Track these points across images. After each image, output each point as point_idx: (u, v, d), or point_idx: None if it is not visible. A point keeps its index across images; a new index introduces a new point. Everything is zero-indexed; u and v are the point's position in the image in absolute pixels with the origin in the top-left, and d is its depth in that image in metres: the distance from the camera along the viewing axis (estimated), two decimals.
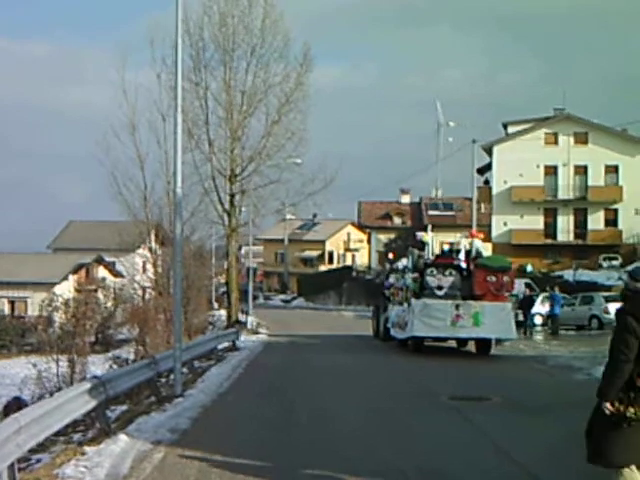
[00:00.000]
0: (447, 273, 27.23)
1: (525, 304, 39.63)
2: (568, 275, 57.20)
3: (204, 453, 10.63)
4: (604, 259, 62.44)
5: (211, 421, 13.64)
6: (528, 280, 50.67)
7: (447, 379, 20.33)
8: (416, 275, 27.69)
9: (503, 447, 11.28)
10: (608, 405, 7.15)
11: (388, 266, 36.25)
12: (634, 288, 7.55)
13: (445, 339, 28.30)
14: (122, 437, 11.29)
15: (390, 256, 38.40)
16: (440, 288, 26.99)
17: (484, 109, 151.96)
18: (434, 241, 31.02)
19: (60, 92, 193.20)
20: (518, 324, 41.34)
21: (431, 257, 29.25)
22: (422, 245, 30.55)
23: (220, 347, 27.80)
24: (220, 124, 40.63)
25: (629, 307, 7.37)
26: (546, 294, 42.11)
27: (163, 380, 18.85)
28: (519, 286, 46.44)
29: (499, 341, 27.93)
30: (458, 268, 27.54)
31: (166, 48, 34.90)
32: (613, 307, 39.68)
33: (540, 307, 42.28)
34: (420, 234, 32.52)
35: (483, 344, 27.40)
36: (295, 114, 40.85)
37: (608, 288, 47.97)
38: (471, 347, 28.37)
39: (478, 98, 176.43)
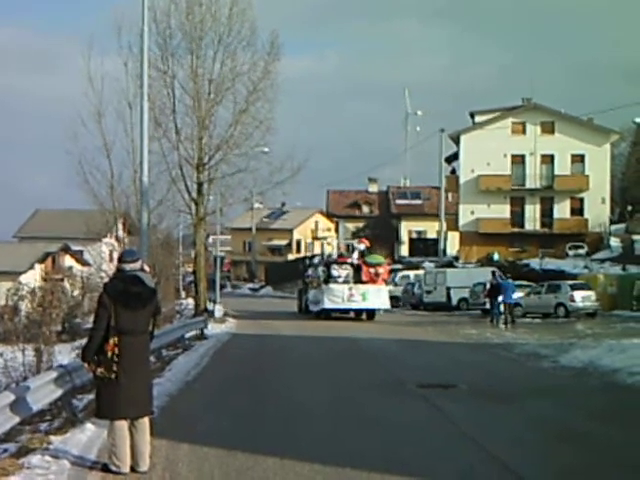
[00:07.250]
0: (344, 267, 41.51)
1: (492, 293, 39.44)
2: (535, 264, 57.58)
3: (171, 441, 10.59)
4: (570, 248, 63.01)
5: (178, 409, 13.61)
6: (494, 269, 50.80)
7: (414, 366, 20.42)
8: (325, 268, 41.84)
9: (471, 434, 11.33)
10: (87, 365, 8.65)
11: (307, 262, 49.91)
12: (120, 268, 8.76)
13: (345, 310, 41.41)
14: (89, 426, 11.21)
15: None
16: (340, 277, 41.03)
17: (451, 98, 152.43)
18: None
19: (27, 78, 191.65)
20: (485, 312, 41.72)
21: (334, 256, 44.26)
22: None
23: (188, 336, 27.72)
24: (187, 112, 40.23)
25: (107, 285, 8.81)
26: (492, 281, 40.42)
27: None
28: (486, 275, 46.64)
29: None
30: (351, 264, 41.65)
31: (133, 36, 34.56)
32: (579, 295, 40.14)
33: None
34: (326, 241, 49.33)
35: (370, 313, 41.41)
36: (263, 103, 40.54)
37: (574, 276, 48.34)
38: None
39: (445, 88, 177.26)
